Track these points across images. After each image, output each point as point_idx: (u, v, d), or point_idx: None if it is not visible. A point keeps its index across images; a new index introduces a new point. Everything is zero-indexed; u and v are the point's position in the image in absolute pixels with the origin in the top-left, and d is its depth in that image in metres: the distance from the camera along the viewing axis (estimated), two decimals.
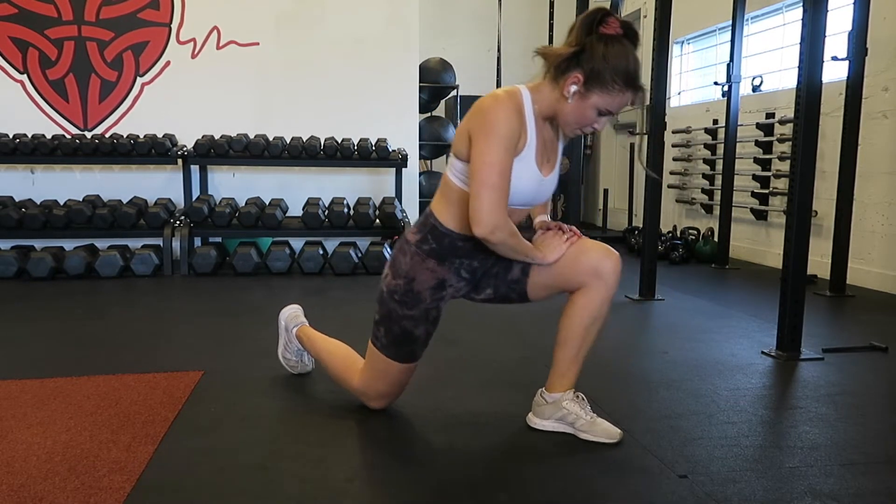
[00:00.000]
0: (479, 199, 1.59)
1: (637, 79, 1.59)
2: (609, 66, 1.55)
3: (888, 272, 4.00)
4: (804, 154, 2.53)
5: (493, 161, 1.58)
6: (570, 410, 1.79)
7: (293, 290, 3.87)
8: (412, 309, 1.78)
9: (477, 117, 1.62)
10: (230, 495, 1.49)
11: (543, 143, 1.71)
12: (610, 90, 1.58)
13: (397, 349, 1.83)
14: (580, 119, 1.63)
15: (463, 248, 1.77)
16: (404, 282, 1.78)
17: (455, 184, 1.72)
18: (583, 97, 1.59)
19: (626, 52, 1.57)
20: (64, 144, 4.57)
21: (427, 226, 1.79)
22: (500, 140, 1.58)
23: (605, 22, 1.57)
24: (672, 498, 1.49)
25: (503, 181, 1.59)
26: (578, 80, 1.58)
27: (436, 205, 1.79)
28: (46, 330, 2.93)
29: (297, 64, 5.13)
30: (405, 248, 1.81)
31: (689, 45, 6.39)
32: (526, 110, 1.65)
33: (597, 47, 1.56)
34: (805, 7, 2.50)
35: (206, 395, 2.10)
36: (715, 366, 2.48)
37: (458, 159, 1.70)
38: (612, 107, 1.61)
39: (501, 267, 1.83)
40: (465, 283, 1.84)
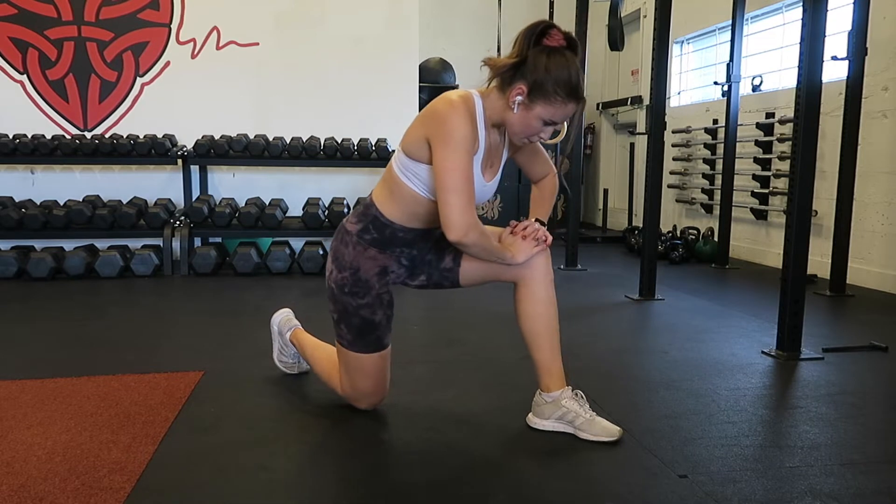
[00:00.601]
0: (448, 205, 1.62)
1: (579, 90, 1.62)
2: (551, 77, 1.58)
3: (888, 272, 4.00)
4: (804, 154, 2.53)
5: (456, 166, 1.61)
6: (569, 409, 1.80)
7: (293, 290, 3.87)
8: (364, 297, 1.81)
9: (434, 123, 1.64)
10: (230, 495, 1.49)
11: (489, 148, 1.74)
12: (553, 101, 1.60)
13: (363, 340, 1.84)
14: (526, 129, 1.66)
15: (403, 238, 1.82)
16: (350, 273, 1.81)
17: (401, 178, 1.75)
18: (527, 108, 1.62)
19: (568, 63, 1.59)
20: (64, 145, 4.57)
21: (368, 216, 1.81)
22: (459, 145, 1.61)
23: (547, 34, 1.61)
24: (672, 498, 1.49)
25: (468, 184, 1.63)
26: (522, 91, 1.61)
27: (378, 196, 1.82)
28: (46, 330, 2.94)
29: (297, 64, 5.13)
30: (346, 238, 1.83)
31: (689, 45, 6.39)
32: (478, 116, 1.68)
33: (539, 59, 1.59)
34: (805, 7, 2.50)
35: (206, 395, 2.10)
36: (715, 366, 2.48)
37: (410, 158, 1.72)
38: (555, 117, 1.63)
39: (434, 255, 1.89)
40: (405, 269, 1.89)
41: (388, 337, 1.89)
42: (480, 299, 3.59)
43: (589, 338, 2.88)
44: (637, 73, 7.02)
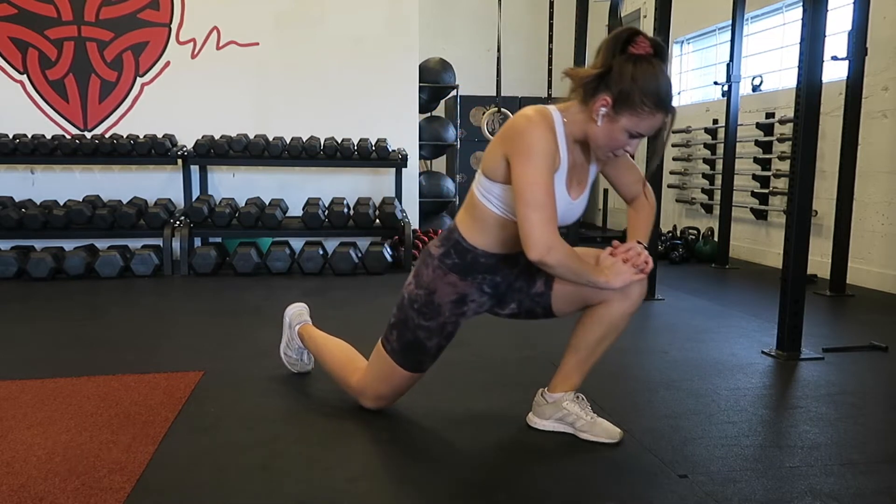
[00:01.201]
0: (528, 221, 1.54)
1: (669, 99, 1.54)
2: (638, 86, 1.50)
3: (888, 272, 4.00)
4: (804, 154, 2.53)
5: (536, 180, 1.54)
6: (570, 411, 1.79)
7: (293, 290, 3.87)
8: (429, 320, 1.77)
9: (513, 139, 1.58)
10: (230, 495, 1.49)
11: (573, 165, 1.67)
12: (640, 112, 1.52)
13: (405, 356, 1.82)
14: (611, 142, 1.58)
15: (486, 263, 1.75)
16: (425, 293, 1.77)
17: (483, 203, 1.69)
18: (612, 120, 1.54)
19: (656, 71, 1.51)
20: (64, 145, 4.57)
21: (451, 240, 1.76)
22: (540, 159, 1.55)
23: (633, 41, 1.51)
24: (672, 498, 1.49)
25: (550, 199, 1.55)
26: (607, 102, 1.53)
27: (461, 221, 1.76)
28: (46, 330, 2.93)
29: (297, 64, 5.13)
30: (428, 260, 1.79)
31: (689, 45, 6.39)
32: (558, 130, 1.61)
33: (625, 68, 1.50)
34: (805, 7, 2.50)
35: (206, 395, 2.10)
36: (715, 366, 2.48)
37: (491, 180, 1.66)
38: (642, 129, 1.55)
39: (524, 281, 1.80)
40: (489, 297, 1.82)
41: (429, 363, 1.86)
42: None
43: None
44: None
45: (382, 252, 4.40)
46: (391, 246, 4.63)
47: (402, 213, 4.73)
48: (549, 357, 2.52)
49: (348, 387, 1.99)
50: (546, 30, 5.10)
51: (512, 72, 6.98)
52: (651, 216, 1.84)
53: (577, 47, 4.55)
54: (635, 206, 1.85)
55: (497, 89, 5.34)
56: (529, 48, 7.46)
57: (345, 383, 2.00)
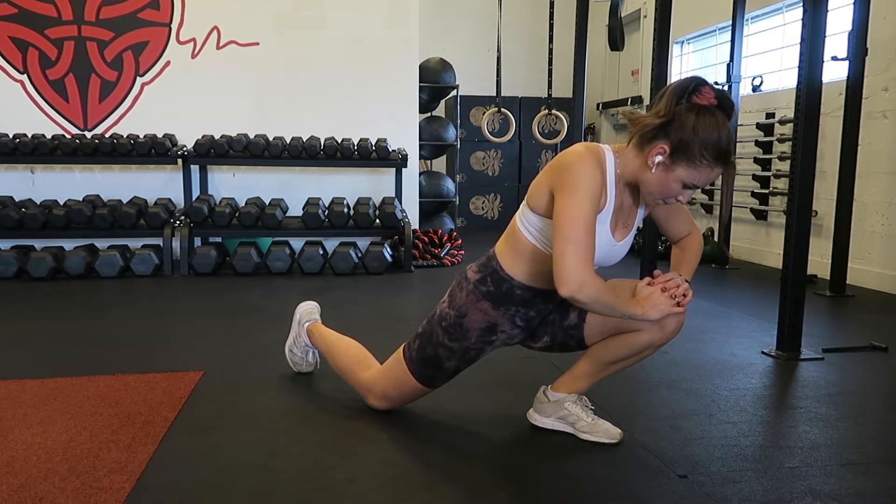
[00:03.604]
0: (563, 256, 1.51)
1: (729, 154, 1.49)
2: (698, 138, 1.47)
3: (888, 272, 4.00)
4: (804, 154, 2.53)
5: (577, 216, 1.51)
6: (571, 412, 1.79)
7: (293, 290, 3.87)
8: (454, 342, 1.77)
9: (561, 173, 1.56)
10: (230, 495, 1.49)
11: (620, 206, 1.64)
12: (697, 164, 1.49)
13: (421, 368, 1.82)
14: (663, 191, 1.55)
15: (521, 296, 1.73)
16: (455, 314, 1.76)
17: (524, 235, 1.68)
18: (667, 169, 1.51)
19: (718, 124, 1.47)
20: (64, 144, 4.57)
21: (489, 268, 1.75)
22: (584, 195, 1.51)
23: (698, 91, 1.49)
24: (672, 498, 1.49)
25: (588, 237, 1.51)
26: (664, 150, 1.50)
27: (500, 249, 1.75)
28: (46, 330, 2.93)
29: (297, 64, 5.13)
30: (463, 284, 1.78)
31: (689, 45, 6.39)
32: (608, 171, 1.59)
33: (687, 118, 1.48)
34: (805, 7, 2.50)
35: (206, 395, 2.10)
36: (715, 366, 2.48)
37: (534, 212, 1.65)
38: (698, 181, 1.52)
39: (558, 314, 1.79)
40: (520, 330, 1.81)
41: (442, 382, 1.86)
42: None
43: None
44: (637, 73, 7.02)
45: (382, 252, 4.39)
46: (391, 246, 4.63)
47: (402, 213, 4.73)
48: (550, 357, 2.52)
49: (357, 382, 1.98)
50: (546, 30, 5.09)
51: (512, 72, 6.97)
52: (698, 255, 1.80)
53: (577, 47, 4.54)
54: (682, 245, 1.82)
55: (497, 89, 5.33)
56: (529, 48, 7.46)
57: (354, 378, 2.00)
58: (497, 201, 7.37)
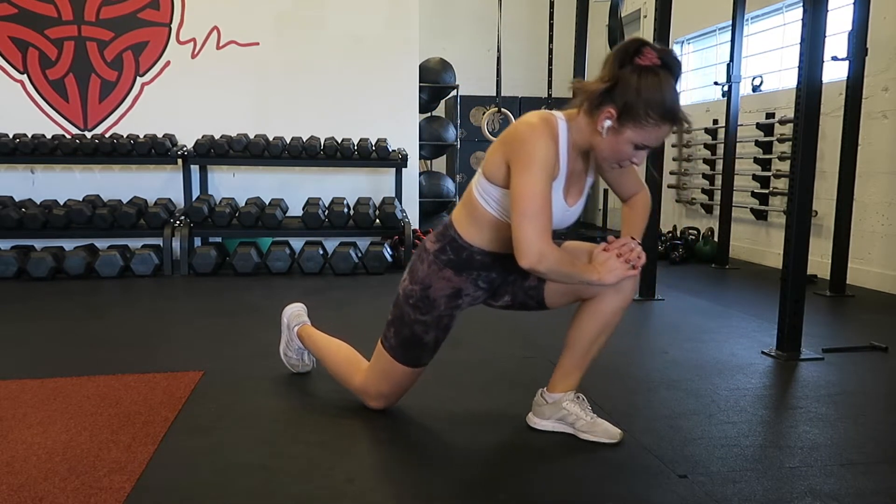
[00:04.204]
0: (522, 230, 1.55)
1: (675, 111, 1.52)
2: (642, 99, 1.49)
3: (888, 272, 4.00)
4: (804, 154, 2.53)
5: (534, 191, 1.55)
6: (570, 411, 1.79)
7: (293, 290, 3.87)
8: (425, 314, 1.79)
9: (514, 146, 1.59)
10: (230, 495, 1.49)
11: (572, 173, 1.68)
12: (644, 125, 1.51)
13: (404, 352, 1.83)
14: (616, 154, 1.58)
15: (481, 261, 1.77)
16: (420, 288, 1.78)
17: (482, 205, 1.70)
18: (617, 132, 1.54)
19: (662, 83, 1.49)
20: (64, 144, 4.57)
21: (447, 237, 1.77)
22: (539, 168, 1.55)
23: (640, 53, 1.50)
24: (672, 498, 1.49)
25: (545, 209, 1.56)
26: (612, 115, 1.52)
27: (457, 218, 1.77)
28: (46, 330, 2.93)
29: (297, 64, 5.13)
30: (423, 256, 1.80)
31: (689, 45, 6.39)
32: (561, 139, 1.61)
33: (630, 80, 1.49)
34: (805, 7, 2.50)
35: (206, 395, 2.10)
36: (715, 366, 2.48)
37: (491, 182, 1.67)
38: (648, 141, 1.54)
39: (519, 274, 1.81)
40: (483, 291, 1.84)
41: (429, 358, 1.87)
42: None
43: None
44: None
45: (382, 252, 4.40)
46: (391, 246, 4.63)
47: (402, 212, 4.73)
48: (549, 357, 2.52)
49: (351, 387, 1.99)
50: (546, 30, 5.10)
51: (512, 72, 6.97)
52: (646, 214, 1.84)
53: (577, 47, 4.54)
54: (630, 204, 1.86)
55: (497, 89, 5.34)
56: (529, 48, 7.46)
57: (348, 384, 2.00)
58: None
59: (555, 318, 1.85)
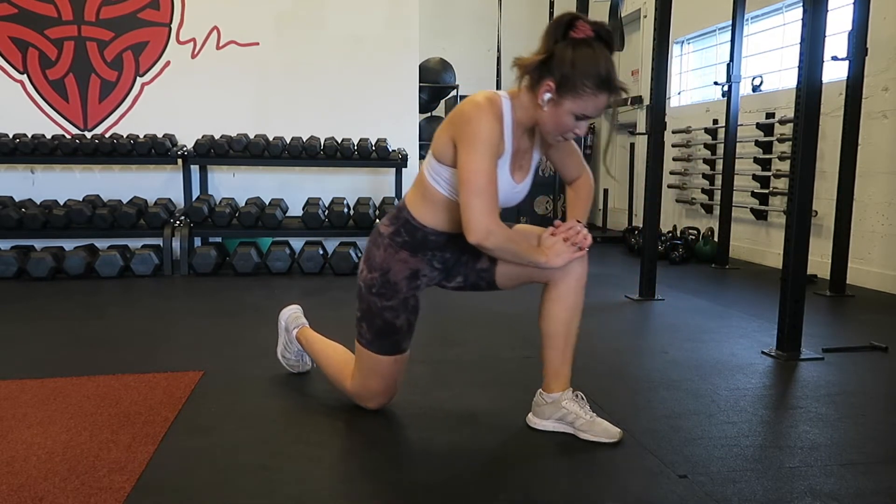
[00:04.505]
0: (469, 207, 1.61)
1: (610, 80, 1.58)
2: (577, 71, 1.55)
3: (888, 272, 4.00)
4: (804, 154, 2.53)
5: (479, 169, 1.60)
6: (569, 410, 1.79)
7: (293, 290, 3.87)
8: (391, 300, 1.81)
9: (460, 124, 1.64)
10: (230, 495, 1.49)
11: (518, 150, 1.73)
12: (581, 95, 1.57)
13: (381, 342, 1.84)
14: (559, 126, 1.63)
15: (435, 241, 1.81)
16: (380, 274, 1.82)
17: (433, 186, 1.75)
18: (556, 104, 1.59)
19: (596, 55, 1.55)
20: (64, 144, 4.57)
21: (400, 219, 1.82)
22: (484, 148, 1.60)
23: (573, 26, 1.56)
24: (672, 498, 1.49)
25: (491, 186, 1.62)
26: (550, 87, 1.58)
27: (410, 200, 1.82)
28: (46, 330, 2.93)
29: (297, 64, 5.13)
30: (378, 240, 1.85)
31: (689, 45, 6.39)
32: (505, 117, 1.66)
33: (565, 53, 1.55)
34: (805, 7, 2.50)
35: (206, 395, 2.10)
36: (715, 366, 2.48)
37: (440, 163, 1.72)
38: (587, 111, 1.59)
39: (470, 255, 1.86)
40: (439, 272, 1.88)
41: (407, 342, 1.88)
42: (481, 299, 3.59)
43: (589, 338, 2.87)
44: (637, 73, 7.02)
45: None
46: None
47: None
48: None
49: (346, 391, 1.99)
50: None
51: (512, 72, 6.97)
52: (589, 196, 1.90)
53: None
54: (574, 187, 1.92)
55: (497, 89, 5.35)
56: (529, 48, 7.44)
57: (342, 388, 2.01)
58: None
59: None
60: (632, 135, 6.93)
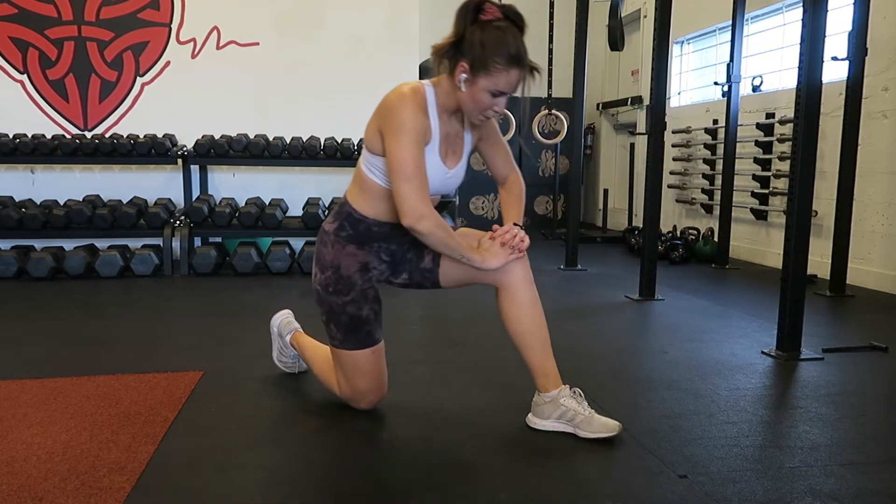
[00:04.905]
0: (400, 193, 1.68)
1: (520, 56, 1.66)
2: (487, 50, 1.63)
3: (888, 272, 4.00)
4: (804, 154, 2.53)
5: (406, 156, 1.67)
6: (568, 407, 1.80)
7: (293, 290, 3.87)
8: (349, 294, 1.83)
9: (385, 115, 1.71)
10: (230, 495, 1.49)
11: (447, 136, 1.79)
12: (493, 72, 1.64)
13: (354, 337, 1.85)
14: (477, 104, 1.70)
15: (379, 232, 1.85)
16: (332, 272, 1.84)
17: (370, 177, 1.81)
18: (472, 83, 1.67)
19: (505, 34, 1.64)
20: (64, 144, 4.57)
21: (342, 213, 1.87)
22: (409, 135, 1.67)
23: (481, 10, 1.65)
24: (672, 498, 1.49)
25: (419, 172, 1.68)
26: (465, 68, 1.66)
27: (350, 193, 1.88)
28: (46, 330, 2.93)
29: (297, 64, 5.13)
30: (325, 238, 1.87)
31: (689, 45, 6.39)
32: (429, 105, 1.74)
33: (474, 35, 1.64)
34: (805, 7, 2.50)
35: (206, 395, 2.10)
36: (715, 366, 2.48)
37: (373, 154, 1.79)
38: (501, 87, 1.67)
39: (415, 254, 1.91)
40: (386, 265, 1.91)
41: (378, 332, 1.90)
42: (480, 299, 3.59)
43: (589, 338, 2.88)
44: (637, 73, 7.02)
45: None
46: None
47: None
48: None
49: (339, 395, 1.99)
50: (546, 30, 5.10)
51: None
52: (522, 196, 1.96)
53: (577, 47, 4.55)
54: (507, 188, 1.97)
55: None
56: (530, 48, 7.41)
57: (336, 393, 2.00)
58: (497, 201, 7.36)
59: (555, 319, 1.85)
60: (632, 135, 6.93)
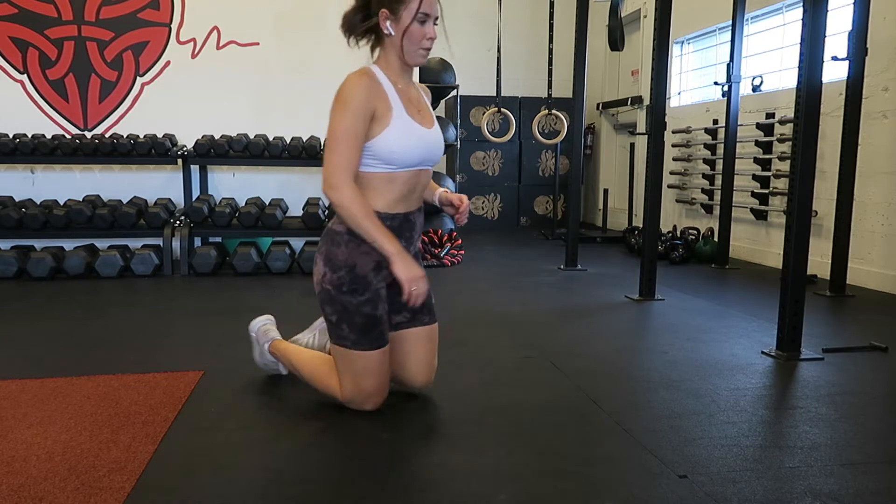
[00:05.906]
0: (327, 162, 1.77)
1: None
2: None
3: (888, 272, 4.00)
4: (804, 154, 2.53)
5: (339, 129, 1.75)
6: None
7: (293, 290, 3.87)
8: (364, 294, 1.83)
9: (336, 96, 1.80)
10: (230, 495, 1.49)
11: (409, 99, 1.88)
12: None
13: (368, 338, 1.85)
14: (412, 39, 1.81)
15: (389, 226, 1.85)
16: (346, 271, 1.83)
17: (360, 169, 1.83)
18: (398, 22, 1.79)
19: None
20: (64, 144, 4.57)
21: None
22: (346, 111, 1.74)
23: None
24: (672, 498, 1.49)
25: (348, 148, 1.75)
26: (385, 14, 1.79)
27: None
28: (46, 330, 2.93)
29: (297, 64, 5.13)
30: (336, 238, 1.86)
31: (689, 45, 6.39)
32: (380, 79, 1.83)
33: None
34: (805, 7, 2.50)
35: (206, 395, 2.10)
36: (715, 366, 2.48)
37: None
38: (424, 8, 1.79)
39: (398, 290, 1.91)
40: None
41: (388, 332, 1.91)
42: (480, 299, 3.60)
43: (589, 338, 2.88)
44: (637, 73, 7.02)
45: None
46: None
47: None
48: (549, 357, 2.53)
49: (338, 398, 1.96)
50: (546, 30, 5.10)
51: (512, 72, 6.97)
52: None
53: (577, 47, 4.55)
54: None
55: (497, 89, 5.34)
56: (529, 48, 7.46)
57: (332, 394, 1.97)
58: (497, 201, 7.37)
59: (555, 319, 1.85)
60: (632, 135, 6.93)
